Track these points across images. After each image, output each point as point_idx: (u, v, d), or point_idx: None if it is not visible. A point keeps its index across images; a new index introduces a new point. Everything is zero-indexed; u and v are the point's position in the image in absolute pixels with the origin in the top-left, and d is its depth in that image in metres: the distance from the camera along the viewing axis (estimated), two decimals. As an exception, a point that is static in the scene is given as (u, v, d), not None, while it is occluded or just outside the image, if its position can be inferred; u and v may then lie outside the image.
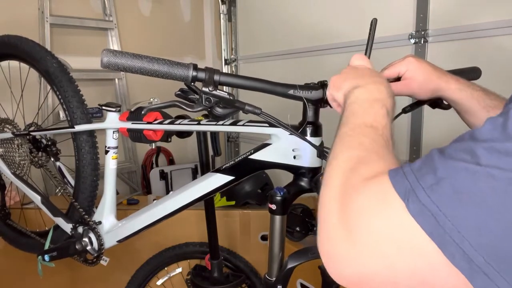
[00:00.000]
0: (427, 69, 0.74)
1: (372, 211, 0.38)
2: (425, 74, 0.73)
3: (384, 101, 0.56)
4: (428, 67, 0.74)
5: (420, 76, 0.73)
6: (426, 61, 0.76)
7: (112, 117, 1.06)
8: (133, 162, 2.61)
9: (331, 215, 0.42)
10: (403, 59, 0.76)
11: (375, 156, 0.46)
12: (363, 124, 0.52)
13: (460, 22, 1.52)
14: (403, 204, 0.36)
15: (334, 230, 0.41)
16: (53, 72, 1.17)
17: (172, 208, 0.97)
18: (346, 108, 0.57)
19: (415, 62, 0.74)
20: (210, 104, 0.67)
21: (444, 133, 1.61)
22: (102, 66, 0.63)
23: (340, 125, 0.55)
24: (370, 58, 0.72)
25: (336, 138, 0.53)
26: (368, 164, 0.44)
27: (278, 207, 0.75)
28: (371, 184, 0.40)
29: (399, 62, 0.76)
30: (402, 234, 0.36)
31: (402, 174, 0.39)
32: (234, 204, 1.92)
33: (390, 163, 0.44)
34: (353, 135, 0.51)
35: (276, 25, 2.39)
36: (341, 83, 0.62)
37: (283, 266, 0.75)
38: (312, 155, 0.74)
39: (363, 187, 0.41)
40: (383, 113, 0.54)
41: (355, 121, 0.54)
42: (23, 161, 1.36)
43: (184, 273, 1.75)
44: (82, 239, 1.14)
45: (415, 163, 0.40)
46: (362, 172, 0.43)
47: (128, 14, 2.57)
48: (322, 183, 0.47)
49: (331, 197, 0.43)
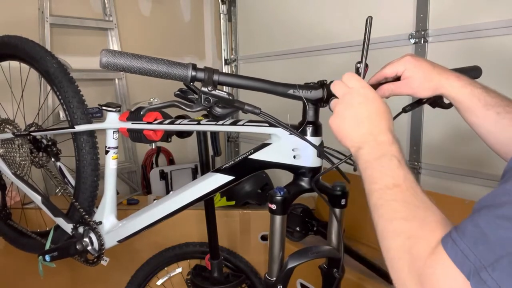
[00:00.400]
0: (427, 67, 0.73)
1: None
2: (424, 72, 0.72)
3: (389, 151, 0.58)
4: (427, 64, 0.74)
5: (419, 74, 0.72)
6: (424, 59, 0.75)
7: (112, 117, 1.06)
8: (133, 162, 2.61)
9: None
10: (401, 58, 0.75)
11: (417, 225, 0.51)
12: (385, 188, 0.55)
13: (460, 22, 1.52)
14: (467, 282, 0.43)
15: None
16: (53, 72, 1.17)
17: (172, 208, 0.97)
18: (361, 169, 0.60)
19: (414, 61, 0.73)
20: (209, 104, 0.67)
21: (444, 133, 1.61)
22: (101, 66, 0.63)
23: (367, 193, 0.58)
24: (367, 59, 0.71)
25: (372, 211, 0.57)
26: (418, 240, 0.49)
27: (278, 207, 0.75)
28: (434, 269, 0.46)
29: (397, 61, 0.75)
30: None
31: (461, 254, 0.44)
32: (234, 204, 1.92)
33: (432, 225, 0.49)
34: (384, 204, 0.55)
35: (276, 25, 2.39)
36: (342, 131, 0.64)
37: (283, 266, 0.75)
38: (312, 155, 0.74)
39: (428, 274, 0.46)
40: (395, 164, 0.57)
41: (377, 187, 0.57)
42: (24, 161, 1.36)
43: (184, 273, 1.76)
44: (83, 239, 1.14)
45: (464, 231, 0.45)
46: (417, 254, 0.48)
47: (128, 14, 2.57)
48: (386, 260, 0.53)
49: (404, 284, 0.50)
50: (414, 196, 0.53)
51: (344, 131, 0.64)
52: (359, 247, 1.52)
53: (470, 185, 1.52)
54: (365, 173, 0.59)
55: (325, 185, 0.79)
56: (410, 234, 0.50)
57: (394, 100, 1.10)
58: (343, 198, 0.78)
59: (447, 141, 1.56)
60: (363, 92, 0.64)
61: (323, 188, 0.79)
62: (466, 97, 0.71)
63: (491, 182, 1.44)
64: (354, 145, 0.62)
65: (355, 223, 1.60)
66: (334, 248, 0.81)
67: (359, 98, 0.63)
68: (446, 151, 1.60)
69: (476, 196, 1.52)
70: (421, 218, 0.51)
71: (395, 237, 0.52)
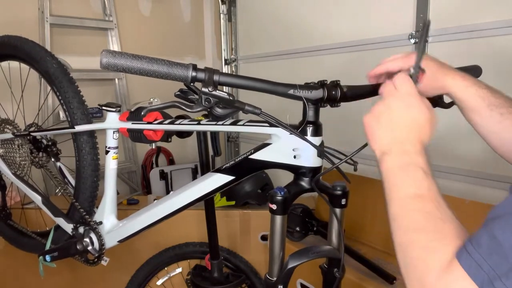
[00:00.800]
0: (433, 66, 0.72)
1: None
2: (431, 71, 0.70)
3: (416, 161, 0.56)
4: (434, 64, 0.72)
5: (427, 73, 0.70)
6: (431, 57, 0.74)
7: (112, 117, 1.06)
8: (133, 162, 2.61)
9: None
10: (408, 55, 0.72)
11: (434, 236, 0.50)
12: (407, 197, 0.54)
13: (460, 22, 1.52)
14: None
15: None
16: (53, 73, 1.17)
17: (173, 208, 0.97)
18: (383, 175, 0.59)
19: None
20: (209, 105, 0.67)
21: (444, 132, 1.61)
22: (101, 67, 0.63)
23: (386, 199, 0.57)
24: (420, 62, 0.66)
25: (390, 220, 0.55)
26: (434, 252, 0.49)
27: (278, 207, 0.75)
28: (448, 282, 0.45)
29: (403, 58, 0.73)
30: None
31: (475, 264, 0.44)
32: (234, 204, 1.92)
33: (450, 238, 0.49)
34: (404, 214, 0.54)
35: (276, 25, 2.39)
36: (374, 132, 0.62)
37: (284, 266, 0.75)
38: (313, 155, 0.74)
39: (442, 287, 0.46)
40: (420, 175, 0.55)
41: (399, 196, 0.55)
42: (24, 161, 1.36)
43: (184, 273, 1.76)
44: (83, 239, 1.14)
45: (479, 242, 0.45)
46: (432, 266, 0.48)
47: (128, 14, 2.57)
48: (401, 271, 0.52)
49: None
50: (436, 208, 0.52)
51: (374, 132, 0.62)
52: (359, 247, 1.52)
53: (470, 185, 1.52)
54: (387, 180, 0.58)
55: (326, 185, 0.79)
56: (426, 246, 0.50)
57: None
58: (344, 198, 0.78)
59: (447, 141, 1.56)
60: (407, 98, 0.61)
61: (324, 188, 0.79)
62: (471, 97, 0.71)
63: (491, 182, 1.44)
64: (380, 149, 0.60)
65: (355, 223, 1.60)
66: (334, 248, 0.81)
67: (401, 103, 0.61)
68: (446, 151, 1.60)
69: (476, 196, 1.52)
70: (440, 230, 0.50)
71: (411, 248, 0.51)
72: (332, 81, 0.74)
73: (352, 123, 1.87)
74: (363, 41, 1.85)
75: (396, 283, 1.29)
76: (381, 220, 1.52)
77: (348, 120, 1.93)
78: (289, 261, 0.75)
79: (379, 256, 1.47)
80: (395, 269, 1.38)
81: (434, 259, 0.48)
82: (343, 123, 1.69)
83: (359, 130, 0.65)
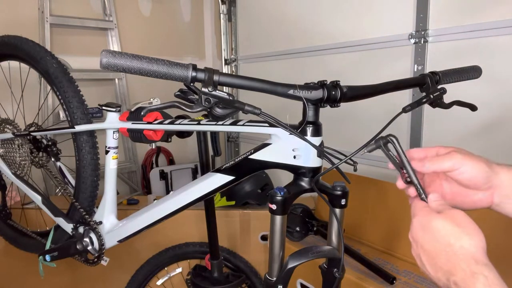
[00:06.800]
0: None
1: None
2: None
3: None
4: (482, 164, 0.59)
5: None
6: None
7: (112, 117, 1.07)
8: (133, 162, 2.61)
9: None
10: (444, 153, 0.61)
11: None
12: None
13: (460, 22, 1.52)
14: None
15: None
16: (53, 73, 1.17)
17: (172, 208, 0.97)
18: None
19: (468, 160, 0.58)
20: (209, 105, 0.67)
21: (444, 133, 1.61)
22: (101, 67, 0.63)
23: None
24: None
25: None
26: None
27: (278, 207, 0.75)
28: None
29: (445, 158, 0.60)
30: None
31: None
32: (234, 204, 1.92)
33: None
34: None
35: (276, 25, 2.39)
36: (429, 274, 0.54)
37: (284, 266, 0.75)
38: (312, 155, 0.74)
39: None
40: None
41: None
42: (24, 161, 1.36)
43: (184, 273, 1.76)
44: (83, 239, 1.14)
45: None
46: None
47: (128, 14, 2.57)
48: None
49: None
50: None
51: (429, 274, 0.54)
52: (359, 247, 1.52)
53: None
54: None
55: (325, 185, 0.79)
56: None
57: (394, 100, 1.11)
58: (343, 198, 0.78)
59: (447, 141, 1.56)
60: (428, 226, 0.52)
61: (323, 188, 0.79)
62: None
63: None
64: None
65: (355, 223, 1.60)
66: (334, 248, 0.81)
67: (425, 234, 0.53)
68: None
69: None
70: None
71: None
72: (332, 81, 0.74)
73: (352, 123, 1.88)
74: (363, 41, 1.85)
75: (396, 283, 1.29)
76: (381, 220, 1.52)
77: (348, 120, 1.93)
78: (289, 261, 0.74)
79: (379, 256, 1.47)
80: (395, 269, 1.38)
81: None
82: (343, 123, 1.69)
83: (359, 130, 0.65)
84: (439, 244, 0.50)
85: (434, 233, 0.51)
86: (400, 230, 1.44)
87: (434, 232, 0.51)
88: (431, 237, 0.51)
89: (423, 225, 0.53)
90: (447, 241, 0.50)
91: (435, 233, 0.51)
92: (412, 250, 0.56)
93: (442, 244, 0.50)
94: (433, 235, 0.51)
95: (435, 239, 0.51)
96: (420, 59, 1.65)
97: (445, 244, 0.50)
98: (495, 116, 1.42)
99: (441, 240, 0.50)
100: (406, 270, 1.38)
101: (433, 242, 0.51)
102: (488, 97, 1.42)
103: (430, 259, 0.52)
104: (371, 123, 1.55)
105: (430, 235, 0.52)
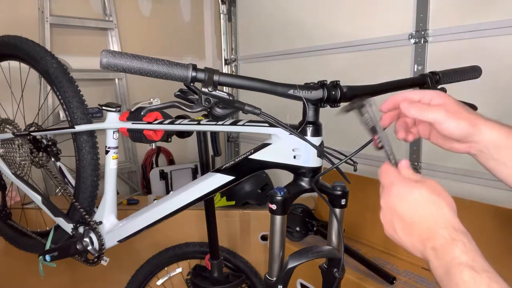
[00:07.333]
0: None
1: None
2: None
3: (454, 260, 0.46)
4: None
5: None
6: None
7: (112, 117, 1.07)
8: (133, 162, 2.61)
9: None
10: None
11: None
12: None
13: (460, 22, 1.52)
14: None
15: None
16: (53, 72, 1.17)
17: (172, 208, 0.97)
18: (442, 287, 0.49)
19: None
20: (209, 105, 0.67)
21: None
22: (101, 67, 0.63)
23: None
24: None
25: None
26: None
27: (278, 207, 0.75)
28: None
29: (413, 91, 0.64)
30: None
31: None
32: (234, 204, 1.92)
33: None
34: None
35: (276, 25, 2.39)
36: (400, 243, 0.55)
37: (284, 266, 0.75)
38: (312, 155, 0.74)
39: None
40: (468, 277, 0.44)
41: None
42: (24, 161, 1.36)
43: (184, 273, 1.76)
44: (83, 239, 1.14)
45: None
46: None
47: (128, 14, 2.57)
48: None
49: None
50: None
51: (401, 242, 0.55)
52: (359, 247, 1.52)
53: (470, 185, 1.52)
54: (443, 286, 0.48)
55: (325, 185, 0.79)
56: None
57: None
58: (343, 198, 0.78)
59: (447, 141, 1.56)
60: (396, 192, 0.55)
61: (323, 188, 0.79)
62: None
63: (491, 182, 1.44)
64: (420, 256, 0.52)
65: (355, 223, 1.60)
66: (334, 248, 0.81)
67: (397, 200, 0.54)
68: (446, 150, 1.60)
69: (476, 196, 1.52)
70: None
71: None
72: (332, 81, 0.74)
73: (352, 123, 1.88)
74: (363, 41, 1.85)
75: (396, 283, 1.29)
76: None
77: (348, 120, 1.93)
78: (289, 261, 0.74)
79: (379, 256, 1.47)
80: (395, 269, 1.38)
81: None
82: (343, 123, 1.69)
83: (359, 131, 0.65)
84: (420, 213, 0.52)
85: (415, 202, 0.53)
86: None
87: (415, 201, 0.53)
88: (411, 206, 0.53)
89: (401, 194, 0.54)
90: (429, 210, 0.52)
91: (415, 203, 0.53)
92: (382, 215, 0.57)
93: (423, 213, 0.52)
94: (413, 204, 0.53)
95: (415, 208, 0.53)
96: (420, 59, 1.65)
97: (426, 213, 0.52)
98: (495, 116, 1.42)
99: (422, 210, 0.52)
100: (406, 270, 1.38)
101: (413, 211, 0.53)
102: (488, 97, 1.42)
103: (406, 226, 0.53)
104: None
105: (409, 204, 0.53)
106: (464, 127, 0.60)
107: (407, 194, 0.54)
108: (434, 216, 0.51)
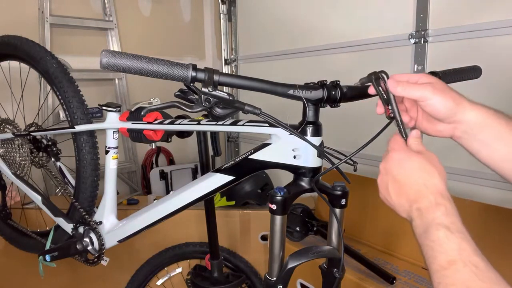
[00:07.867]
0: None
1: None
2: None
3: (434, 220, 0.51)
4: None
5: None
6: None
7: (112, 117, 1.07)
8: (133, 162, 2.61)
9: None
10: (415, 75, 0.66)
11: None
12: (441, 268, 0.48)
13: (460, 22, 1.52)
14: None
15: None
16: (53, 72, 1.17)
17: (173, 208, 0.97)
18: (419, 244, 0.54)
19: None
20: (209, 105, 0.67)
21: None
22: (101, 67, 0.63)
23: (429, 270, 0.51)
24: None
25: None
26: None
27: (278, 207, 0.75)
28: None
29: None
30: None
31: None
32: (234, 204, 1.92)
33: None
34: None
35: (276, 25, 2.39)
36: (390, 203, 0.60)
37: (284, 266, 0.75)
38: (312, 155, 0.74)
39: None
40: (443, 235, 0.49)
41: (434, 268, 0.50)
42: (24, 161, 1.36)
43: (184, 273, 1.76)
44: (83, 239, 1.14)
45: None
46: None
47: (128, 14, 2.57)
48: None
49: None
50: (475, 274, 0.46)
51: (391, 203, 0.60)
52: (359, 247, 1.52)
53: (470, 185, 1.52)
54: (422, 251, 0.53)
55: (325, 185, 0.79)
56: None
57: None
58: (343, 198, 0.78)
59: (447, 140, 1.56)
60: (401, 159, 0.59)
61: (323, 188, 0.79)
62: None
63: (490, 182, 1.44)
64: (407, 217, 0.57)
65: (355, 223, 1.60)
66: (334, 248, 0.81)
67: (396, 165, 0.59)
68: (446, 150, 1.60)
69: (476, 196, 1.52)
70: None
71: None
72: (332, 81, 0.74)
73: (352, 123, 1.88)
74: (363, 41, 1.85)
75: (396, 283, 1.29)
76: (381, 220, 1.52)
77: (348, 120, 1.93)
78: (289, 261, 0.75)
79: (379, 256, 1.47)
80: (395, 269, 1.38)
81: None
82: (343, 123, 1.69)
83: (359, 130, 0.65)
84: (413, 178, 0.57)
85: (411, 168, 0.57)
86: (400, 230, 1.44)
87: (411, 168, 0.57)
88: (406, 172, 0.58)
89: (401, 160, 0.59)
90: (422, 176, 0.56)
91: (411, 169, 0.57)
92: (379, 178, 0.62)
93: (416, 179, 0.56)
94: (409, 170, 0.58)
95: (410, 173, 0.57)
96: (420, 59, 1.65)
97: (419, 179, 0.56)
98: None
99: (415, 175, 0.57)
100: (406, 270, 1.38)
101: (408, 176, 0.57)
102: (488, 97, 1.41)
103: (398, 187, 0.58)
104: (371, 123, 1.55)
105: (405, 170, 0.58)
106: (449, 105, 0.62)
107: (406, 161, 0.58)
108: (425, 182, 0.56)
